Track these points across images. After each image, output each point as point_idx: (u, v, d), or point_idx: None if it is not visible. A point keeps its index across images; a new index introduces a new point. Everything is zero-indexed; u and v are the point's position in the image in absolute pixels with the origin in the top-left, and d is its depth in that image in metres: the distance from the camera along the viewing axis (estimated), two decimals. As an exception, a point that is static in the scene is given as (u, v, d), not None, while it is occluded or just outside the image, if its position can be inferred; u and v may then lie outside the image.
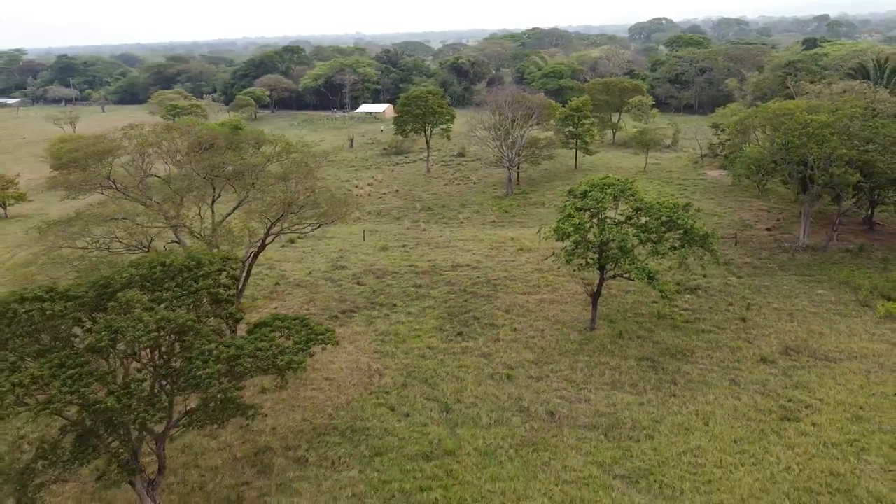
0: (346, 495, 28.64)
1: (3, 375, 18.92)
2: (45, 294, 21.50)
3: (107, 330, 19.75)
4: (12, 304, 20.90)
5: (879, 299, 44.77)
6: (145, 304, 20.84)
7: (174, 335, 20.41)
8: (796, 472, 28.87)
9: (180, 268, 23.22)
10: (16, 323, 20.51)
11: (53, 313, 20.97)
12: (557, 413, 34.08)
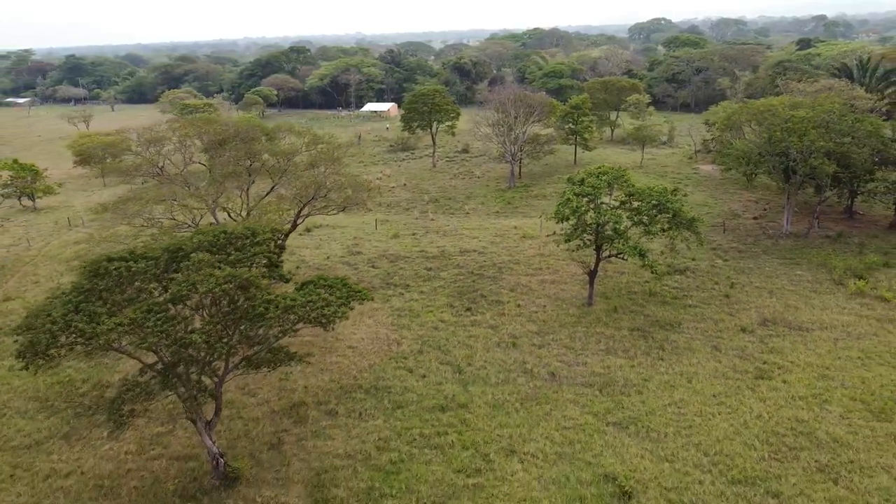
0: (373, 439, 32.89)
1: (103, 318, 23.08)
2: (128, 255, 25.69)
3: (185, 282, 23.91)
4: (103, 262, 25.11)
5: (852, 278, 48.96)
6: (213, 263, 25.00)
7: (240, 289, 24.55)
8: (766, 419, 33.10)
9: (239, 236, 27.41)
10: (107, 278, 24.69)
11: (136, 270, 25.18)
12: (557, 374, 38.33)
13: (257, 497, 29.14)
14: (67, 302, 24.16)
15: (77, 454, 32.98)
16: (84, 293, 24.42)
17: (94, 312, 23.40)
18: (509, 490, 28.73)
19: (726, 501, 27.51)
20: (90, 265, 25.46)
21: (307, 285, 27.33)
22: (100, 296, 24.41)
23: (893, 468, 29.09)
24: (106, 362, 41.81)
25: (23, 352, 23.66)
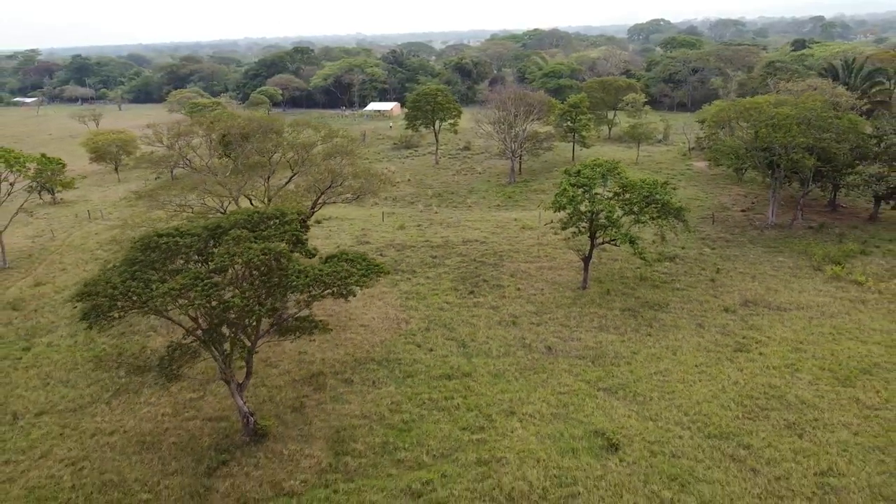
0: (387, 403, 36.38)
1: (156, 285, 26.54)
2: (174, 231, 29.16)
3: (227, 254, 27.35)
4: (153, 237, 28.59)
5: (829, 264, 52.41)
6: (249, 238, 28.44)
7: (275, 260, 27.96)
8: (742, 385, 36.59)
9: (270, 216, 30.85)
10: (157, 250, 28.14)
11: (182, 244, 28.64)
12: (554, 348, 41.83)
13: (284, 450, 32.62)
14: (123, 271, 27.63)
15: (118, 416, 36.50)
16: (137, 264, 27.89)
17: (148, 280, 26.86)
18: (509, 444, 32.19)
19: (703, 452, 30.97)
20: (141, 240, 28.98)
21: (332, 259, 30.80)
22: (151, 266, 27.87)
23: (852, 425, 32.54)
24: (136, 338, 45.38)
25: (87, 313, 27.14)
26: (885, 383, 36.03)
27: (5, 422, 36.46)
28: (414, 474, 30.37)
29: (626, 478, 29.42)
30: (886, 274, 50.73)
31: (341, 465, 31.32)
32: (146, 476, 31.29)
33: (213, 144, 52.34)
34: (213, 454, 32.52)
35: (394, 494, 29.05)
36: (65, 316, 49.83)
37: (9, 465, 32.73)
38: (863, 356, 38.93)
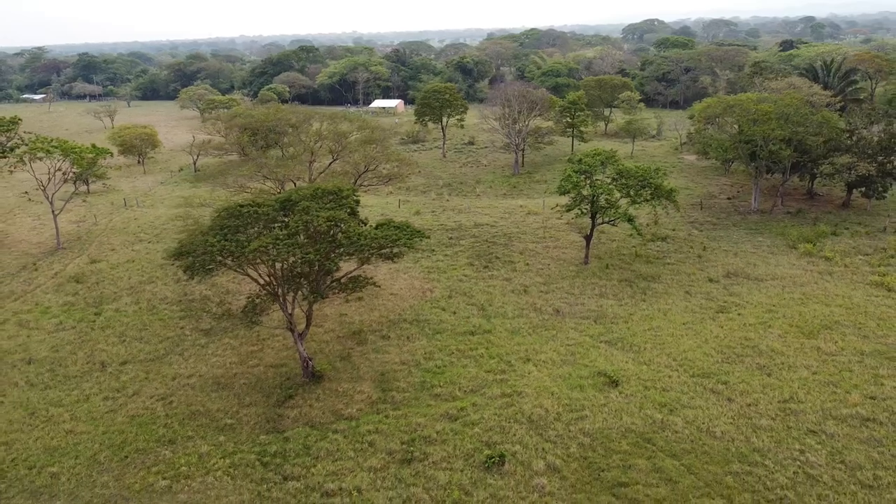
0: (420, 353, 42.80)
1: (247, 243, 32.87)
2: (252, 203, 35.47)
3: (300, 220, 33.65)
4: (237, 207, 34.91)
5: (803, 243, 59.03)
6: (316, 208, 34.75)
7: (338, 225, 34.25)
8: (722, 338, 43.13)
9: (330, 192, 37.13)
10: (242, 217, 34.45)
11: (260, 213, 34.97)
12: (561, 310, 48.34)
13: (338, 388, 39.01)
14: (217, 234, 33.94)
15: (192, 365, 42.83)
16: (226, 228, 34.19)
17: (238, 240, 33.19)
18: (527, 382, 38.65)
19: (687, 387, 37.49)
20: (227, 209, 35.30)
21: (382, 226, 37.17)
22: (237, 230, 34.17)
23: (812, 366, 39.10)
24: (194, 304, 51.62)
25: (190, 267, 33.47)
26: (843, 336, 42.61)
27: (95, 369, 42.75)
28: (449, 404, 36.82)
29: (624, 405, 35.93)
30: (852, 251, 57.37)
31: (388, 398, 37.76)
32: (226, 407, 37.66)
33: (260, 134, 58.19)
34: (279, 391, 38.90)
35: (434, 418, 35.48)
36: (125, 287, 56.07)
37: (108, 400, 39.05)
38: (826, 316, 45.53)
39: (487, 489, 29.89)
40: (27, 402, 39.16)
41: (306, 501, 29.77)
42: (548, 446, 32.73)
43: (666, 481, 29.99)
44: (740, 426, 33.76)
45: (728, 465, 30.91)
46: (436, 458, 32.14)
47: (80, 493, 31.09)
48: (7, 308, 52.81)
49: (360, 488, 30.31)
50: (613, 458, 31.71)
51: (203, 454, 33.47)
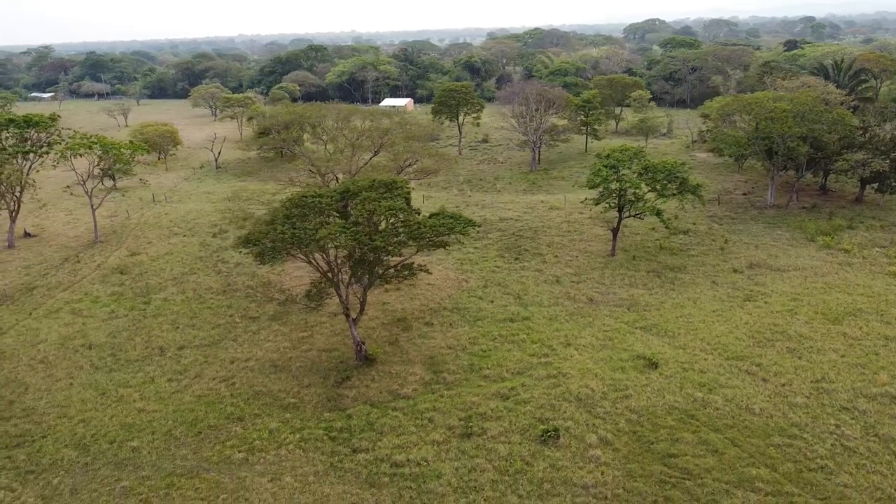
0: (465, 338, 44.88)
1: (315, 230, 34.97)
2: (314, 193, 37.54)
3: (364, 209, 35.72)
4: (303, 198, 36.97)
5: (821, 236, 61.23)
6: (376, 198, 36.82)
7: (399, 214, 36.31)
8: (751, 324, 45.28)
9: (386, 183, 39.16)
10: (308, 207, 36.52)
11: (323, 203, 37.05)
12: (594, 299, 50.47)
13: (391, 370, 41.08)
14: (285, 221, 36.01)
15: (247, 349, 44.88)
16: (292, 217, 36.26)
17: (306, 228, 35.27)
18: (570, 365, 40.77)
19: (723, 369, 39.63)
20: (292, 200, 37.36)
21: (435, 215, 39.27)
22: (303, 218, 36.25)
23: (840, 350, 41.27)
24: (237, 295, 53.65)
25: (262, 254, 35.58)
26: (867, 322, 44.80)
27: (154, 353, 44.78)
28: (499, 384, 38.93)
29: (665, 385, 38.07)
30: (869, 244, 59.58)
31: (440, 379, 39.84)
32: (287, 388, 39.72)
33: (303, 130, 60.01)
34: (335, 373, 40.95)
35: (487, 397, 37.58)
36: (169, 278, 58.08)
37: (172, 381, 41.09)
38: (848, 304, 47.73)
39: (546, 460, 31.99)
40: (96, 383, 41.17)
41: (377, 471, 31.84)
42: (597, 422, 34.85)
43: (712, 452, 32.11)
44: (777, 404, 35.91)
45: (769, 438, 33.05)
46: (493, 433, 34.24)
47: (162, 465, 33.13)
48: (58, 297, 54.79)
49: (427, 460, 32.40)
50: (661, 432, 33.84)
51: (273, 430, 35.54)
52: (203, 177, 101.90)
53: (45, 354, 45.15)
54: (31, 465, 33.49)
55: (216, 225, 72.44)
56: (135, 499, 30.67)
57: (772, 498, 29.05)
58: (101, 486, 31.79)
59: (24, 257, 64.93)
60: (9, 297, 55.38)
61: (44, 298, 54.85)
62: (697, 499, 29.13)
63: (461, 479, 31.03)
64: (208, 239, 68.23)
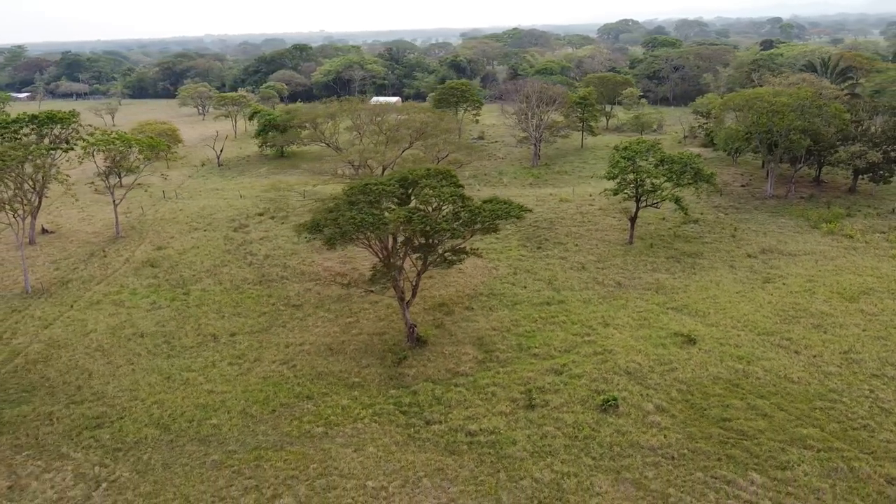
0: (507, 321, 47.03)
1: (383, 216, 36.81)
2: (376, 181, 39.37)
3: (428, 194, 37.69)
4: (366, 185, 38.76)
5: (823, 223, 64.64)
6: (436, 185, 38.81)
7: (459, 200, 38.35)
8: (774, 303, 48.17)
9: (441, 172, 41.16)
10: (371, 193, 38.36)
11: (384, 191, 38.91)
12: (622, 283, 53.02)
13: (443, 351, 43.05)
14: (350, 207, 37.79)
15: (298, 335, 46.48)
16: (357, 204, 38.07)
17: (374, 213, 37.13)
18: (613, 342, 43.17)
19: (757, 344, 42.36)
20: (354, 187, 39.15)
21: (489, 201, 41.38)
22: (370, 204, 38.10)
23: (861, 325, 44.32)
24: (274, 285, 55.11)
25: (331, 239, 37.34)
26: (880, 300, 48.00)
27: (208, 340, 46.15)
28: (550, 361, 41.16)
29: (706, 358, 40.67)
30: (869, 230, 63.15)
31: (493, 358, 41.95)
32: (347, 368, 41.47)
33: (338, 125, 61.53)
34: (390, 355, 42.79)
35: (541, 373, 39.78)
36: (202, 270, 59.25)
37: (233, 365, 42.57)
38: (860, 284, 50.96)
39: (610, 426, 34.31)
40: (158, 368, 42.47)
41: (454, 440, 33.84)
42: (650, 392, 37.28)
43: (762, 416, 34.74)
44: (812, 373, 38.73)
45: (811, 402, 35.80)
46: (555, 404, 36.46)
47: (245, 440, 34.71)
48: (95, 290, 55.67)
49: (498, 429, 34.48)
50: (711, 399, 36.39)
51: (344, 406, 37.31)
52: (207, 174, 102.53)
53: (98, 343, 46.24)
54: (116, 444, 34.82)
55: (234, 220, 73.64)
56: (227, 471, 32.24)
57: (824, 453, 31.71)
58: (191, 460, 33.28)
59: (48, 253, 65.45)
60: (45, 290, 56.11)
61: (81, 291, 55.70)
62: (757, 456, 31.67)
63: (535, 444, 33.19)
64: (230, 233, 69.37)
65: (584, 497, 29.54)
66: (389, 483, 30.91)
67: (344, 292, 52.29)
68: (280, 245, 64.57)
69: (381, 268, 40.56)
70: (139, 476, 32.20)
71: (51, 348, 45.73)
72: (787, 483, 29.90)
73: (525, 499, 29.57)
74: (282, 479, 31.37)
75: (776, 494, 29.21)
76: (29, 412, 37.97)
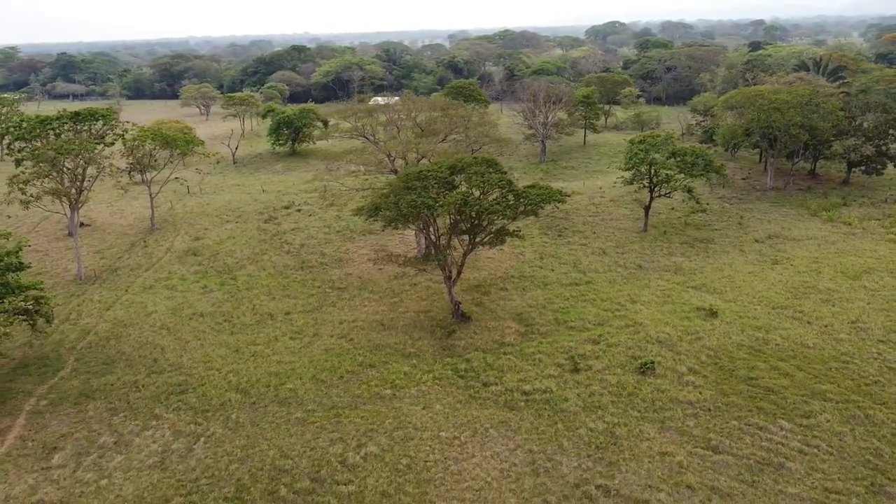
0: (541, 299, 50.93)
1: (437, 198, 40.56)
2: (426, 168, 43.14)
3: (478, 180, 41.52)
4: (420, 172, 42.52)
5: (823, 212, 69.24)
6: (484, 171, 42.67)
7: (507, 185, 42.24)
8: (784, 282, 52.50)
9: (486, 160, 45.01)
10: (426, 179, 42.13)
11: (437, 175, 42.70)
12: (643, 266, 57.17)
13: (487, 325, 46.88)
14: (407, 193, 41.54)
15: (348, 313, 50.09)
16: (413, 190, 41.83)
17: (430, 196, 40.90)
18: (642, 316, 47.20)
19: (772, 316, 46.57)
20: (409, 174, 42.92)
21: (531, 187, 45.28)
22: (425, 188, 41.86)
23: (864, 299, 48.69)
24: (314, 269, 58.65)
25: (391, 220, 41.12)
26: (881, 278, 52.48)
27: (265, 319, 49.66)
28: (586, 333, 45.12)
29: (728, 329, 44.82)
30: (865, 217, 67.80)
31: (534, 330, 45.84)
32: (401, 341, 45.18)
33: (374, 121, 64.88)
34: (439, 329, 46.56)
35: (580, 342, 43.71)
36: (243, 258, 62.63)
37: (294, 340, 46.14)
38: (862, 264, 55.43)
39: (650, 386, 38.29)
40: (226, 343, 45.95)
41: (512, 399, 37.67)
42: (682, 357, 41.33)
43: (784, 375, 38.89)
44: (825, 340, 42.99)
45: (826, 364, 40.02)
46: (598, 368, 40.40)
47: (321, 401, 38.32)
48: (146, 276, 58.94)
49: (550, 388, 38.35)
50: (737, 362, 40.50)
51: (406, 372, 41.02)
52: (223, 171, 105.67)
53: (162, 322, 49.60)
54: (203, 406, 38.30)
55: (262, 213, 76.97)
56: (311, 426, 35.84)
57: (842, 404, 35.90)
58: (276, 418, 36.85)
59: (89, 244, 68.40)
60: (97, 276, 59.27)
61: (132, 277, 58.93)
62: (783, 407, 35.80)
63: (584, 401, 37.10)
64: (262, 224, 72.73)
65: (636, 442, 33.47)
66: (461, 434, 34.67)
67: (384, 277, 56.00)
68: (312, 235, 68.05)
69: (430, 249, 44.27)
70: (231, 432, 35.71)
71: (118, 327, 49.03)
72: (812, 428, 34.03)
73: (583, 444, 33.45)
74: (363, 432, 35.01)
75: (804, 437, 33.33)
76: (114, 381, 41.32)
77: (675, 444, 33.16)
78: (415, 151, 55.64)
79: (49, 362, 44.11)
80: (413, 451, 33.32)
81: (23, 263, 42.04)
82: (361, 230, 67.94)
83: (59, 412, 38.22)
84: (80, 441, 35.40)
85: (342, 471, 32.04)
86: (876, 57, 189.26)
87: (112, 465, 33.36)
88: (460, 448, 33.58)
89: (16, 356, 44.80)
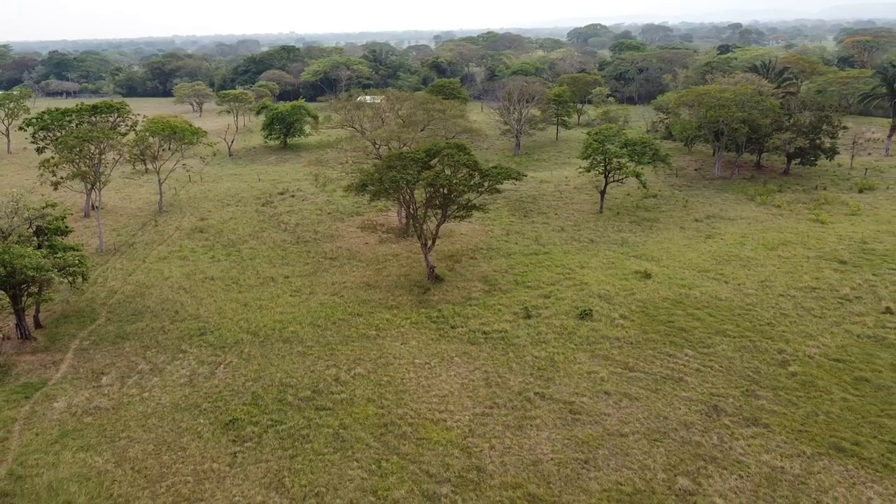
0: (504, 265, 59.55)
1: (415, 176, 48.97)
2: (405, 152, 51.59)
3: (449, 161, 49.99)
4: (400, 154, 50.97)
5: (758, 196, 78.45)
6: (455, 154, 51.16)
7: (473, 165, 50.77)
8: (712, 252, 61.46)
9: (458, 145, 53.48)
10: (405, 158, 50.56)
11: (416, 157, 51.17)
12: (594, 240, 66.00)
13: (457, 285, 55.40)
14: (389, 171, 49.96)
15: (339, 277, 58.47)
16: (394, 168, 50.26)
17: (410, 174, 49.38)
18: (588, 279, 55.90)
19: (696, 277, 55.43)
20: (391, 156, 51.34)
21: (495, 167, 53.87)
22: (404, 167, 50.28)
23: (775, 265, 57.68)
24: (310, 244, 66.91)
25: (376, 194, 49.49)
26: (794, 248, 61.54)
27: (267, 281, 57.92)
28: (540, 290, 53.77)
29: (658, 287, 53.64)
30: (794, 201, 77.04)
31: (496, 289, 54.45)
32: (384, 297, 53.63)
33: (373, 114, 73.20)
34: (416, 288, 55.05)
35: (534, 297, 52.36)
36: (244, 234, 70.81)
37: (294, 297, 54.45)
38: (781, 238, 64.53)
39: (587, 327, 46.98)
40: (235, 299, 54.19)
41: (474, 337, 46.22)
42: (616, 307, 50.08)
43: (696, 319, 47.72)
44: (735, 295, 51.91)
45: (732, 311, 48.91)
46: (546, 315, 49.04)
47: (318, 339, 46.68)
48: (159, 250, 66.98)
49: (505, 330, 46.94)
50: (660, 310, 49.30)
51: (388, 319, 49.48)
52: (221, 163, 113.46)
53: (179, 284, 57.77)
54: (221, 343, 46.55)
55: (259, 198, 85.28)
56: (311, 357, 44.20)
57: (737, 339, 44.75)
58: (281, 352, 45.17)
59: (105, 223, 76.12)
60: (116, 249, 67.23)
61: (147, 250, 66.96)
62: (691, 341, 44.61)
63: (532, 338, 45.75)
64: (260, 208, 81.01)
65: (570, 365, 42.14)
66: (431, 360, 43.19)
67: (370, 249, 64.43)
68: (306, 216, 76.38)
69: (409, 217, 52.77)
70: (245, 361, 44.01)
71: (140, 288, 57.14)
72: (710, 355, 42.86)
73: (528, 367, 42.06)
74: (352, 360, 43.44)
75: (702, 360, 42.14)
76: (143, 327, 49.50)
77: (600, 366, 41.86)
78: (397, 140, 64.00)
79: (86, 314, 52.19)
80: (392, 372, 41.81)
81: (68, 227, 50.06)
82: (350, 212, 76.53)
83: (100, 349, 46.35)
84: (121, 368, 43.57)
85: (336, 385, 40.46)
86: (838, 60, 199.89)
87: (150, 383, 41.58)
88: (430, 370, 42.10)
89: (56, 310, 52.82)
